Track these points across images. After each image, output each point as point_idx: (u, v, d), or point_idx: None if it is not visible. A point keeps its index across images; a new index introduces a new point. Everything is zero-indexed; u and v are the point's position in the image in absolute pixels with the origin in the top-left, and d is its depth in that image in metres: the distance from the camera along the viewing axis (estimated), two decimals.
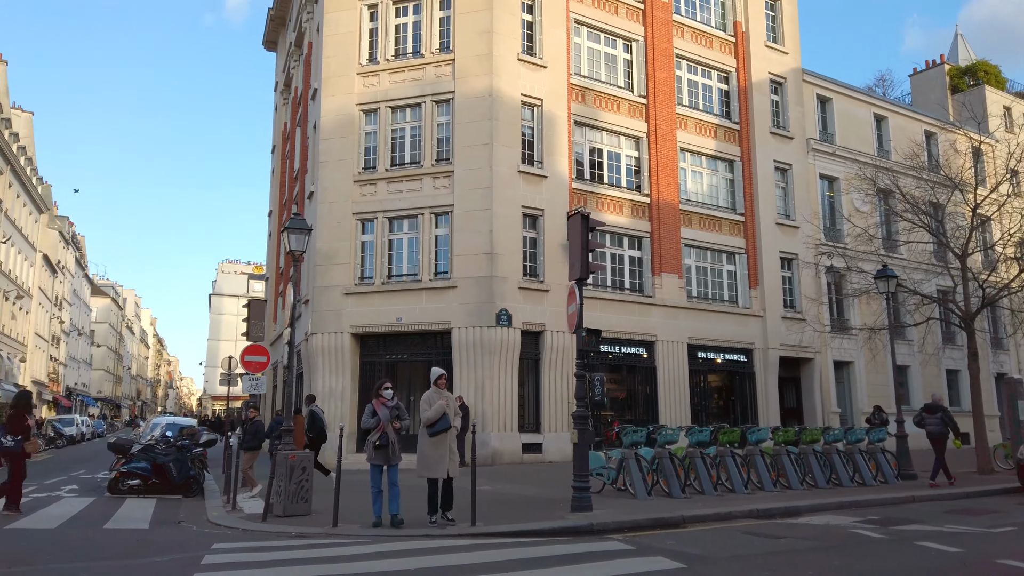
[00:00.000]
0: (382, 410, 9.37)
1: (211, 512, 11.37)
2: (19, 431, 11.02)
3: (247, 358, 15.48)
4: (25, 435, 11.06)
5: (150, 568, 6.61)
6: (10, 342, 46.54)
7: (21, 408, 11.32)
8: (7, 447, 10.90)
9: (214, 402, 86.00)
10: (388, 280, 20.68)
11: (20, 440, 10.93)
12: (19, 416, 11.19)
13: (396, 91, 21.32)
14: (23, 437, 11.01)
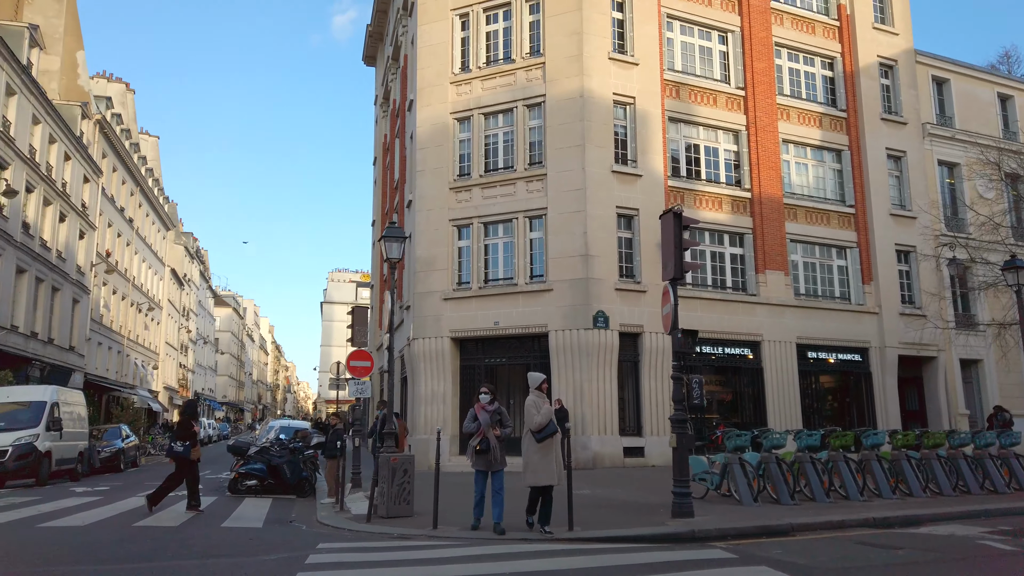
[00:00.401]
0: (482, 415, 9.19)
1: (320, 512, 11.81)
2: (187, 437, 11.72)
3: (352, 363, 16.00)
4: (192, 441, 11.76)
5: (258, 566, 6.92)
6: (144, 351, 50.20)
7: (189, 415, 12.03)
8: (177, 452, 11.65)
9: (327, 405, 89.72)
10: (485, 284, 20.91)
11: (188, 445, 11.64)
12: (187, 423, 11.91)
13: (488, 98, 21.56)
14: (191, 443, 11.71)
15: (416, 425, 21.09)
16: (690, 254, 19.07)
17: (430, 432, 20.12)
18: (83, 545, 8.21)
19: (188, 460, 11.71)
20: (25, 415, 18.58)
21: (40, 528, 9.64)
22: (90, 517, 10.82)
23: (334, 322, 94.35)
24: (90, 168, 36.56)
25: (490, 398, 9.35)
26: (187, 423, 11.94)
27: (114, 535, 9.00)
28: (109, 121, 39.69)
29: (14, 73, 26.82)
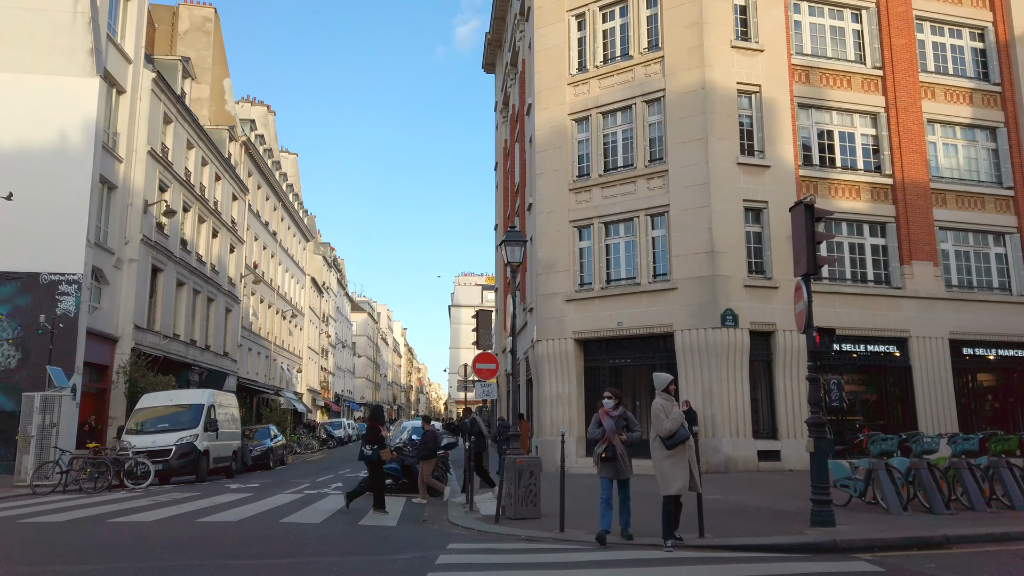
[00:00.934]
0: (607, 421, 8.76)
1: (451, 512, 12.11)
2: (376, 441, 12.23)
3: (478, 366, 16.31)
4: (380, 445, 12.26)
5: (391, 564, 7.19)
6: (289, 355, 53.52)
7: (377, 421, 12.55)
8: (367, 455, 12.17)
9: (457, 406, 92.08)
10: (607, 285, 20.72)
11: (376, 449, 12.16)
12: (375, 428, 12.43)
13: (606, 96, 21.36)
14: (379, 447, 12.24)
15: (542, 427, 21.22)
16: (825, 247, 18.01)
17: (556, 434, 20.17)
18: (235, 540, 8.84)
19: (377, 463, 12.15)
20: (186, 417, 20.29)
21: (199, 523, 10.48)
22: (242, 513, 11.64)
23: (461, 325, 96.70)
24: (238, 187, 39.44)
25: (614, 403, 8.90)
26: (375, 428, 12.36)
27: (263, 531, 9.63)
28: (253, 142, 42.65)
29: (170, 103, 29.36)
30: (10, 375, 21.06)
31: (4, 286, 21.39)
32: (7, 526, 10.04)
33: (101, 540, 8.80)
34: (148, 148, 26.82)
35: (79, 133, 22.62)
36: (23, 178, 21.92)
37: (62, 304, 21.68)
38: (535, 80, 22.77)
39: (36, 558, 7.52)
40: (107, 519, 10.80)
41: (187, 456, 19.18)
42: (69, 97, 22.61)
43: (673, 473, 8.26)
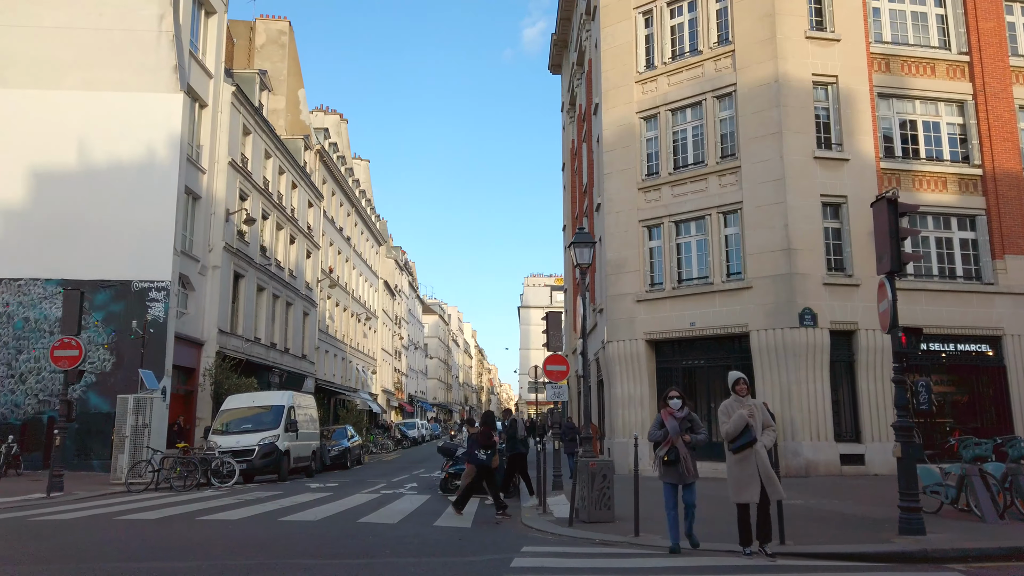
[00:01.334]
0: (670, 422, 8.34)
1: (524, 514, 12.14)
2: (488, 446, 12.24)
3: (549, 367, 16.32)
4: (492, 449, 12.28)
5: (467, 566, 7.26)
6: (364, 357, 54.74)
7: (489, 425, 12.59)
8: (480, 460, 12.20)
9: (529, 407, 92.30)
10: (678, 285, 20.39)
11: (489, 454, 12.18)
12: (487, 432, 12.44)
13: (675, 93, 21.03)
14: (492, 451, 12.25)
15: (614, 429, 21.05)
16: (910, 243, 17.26)
17: (628, 436, 19.97)
18: (316, 539, 9.10)
19: (489, 467, 12.21)
20: (268, 418, 21.01)
21: (281, 522, 10.83)
22: (321, 512, 11.97)
23: (531, 326, 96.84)
24: (313, 194, 40.60)
25: (680, 403, 8.52)
26: (487, 433, 12.38)
27: (342, 531, 9.88)
28: (327, 150, 43.84)
29: (249, 115, 30.48)
30: (105, 378, 22.26)
31: (99, 294, 22.63)
32: (105, 522, 10.62)
33: (191, 537, 9.20)
34: (229, 159, 27.91)
35: (165, 147, 23.72)
36: (115, 191, 23.16)
37: (152, 310, 22.78)
38: (602, 79, 22.62)
39: (131, 554, 7.92)
40: (196, 517, 11.28)
41: (269, 456, 19.86)
42: (155, 112, 23.75)
43: (738, 479, 7.84)
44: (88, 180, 23.23)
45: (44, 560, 7.35)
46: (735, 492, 7.87)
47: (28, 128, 23.30)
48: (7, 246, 22.79)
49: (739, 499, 7.87)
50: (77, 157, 23.42)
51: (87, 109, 23.55)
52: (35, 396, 22.23)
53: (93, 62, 23.82)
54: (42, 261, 22.76)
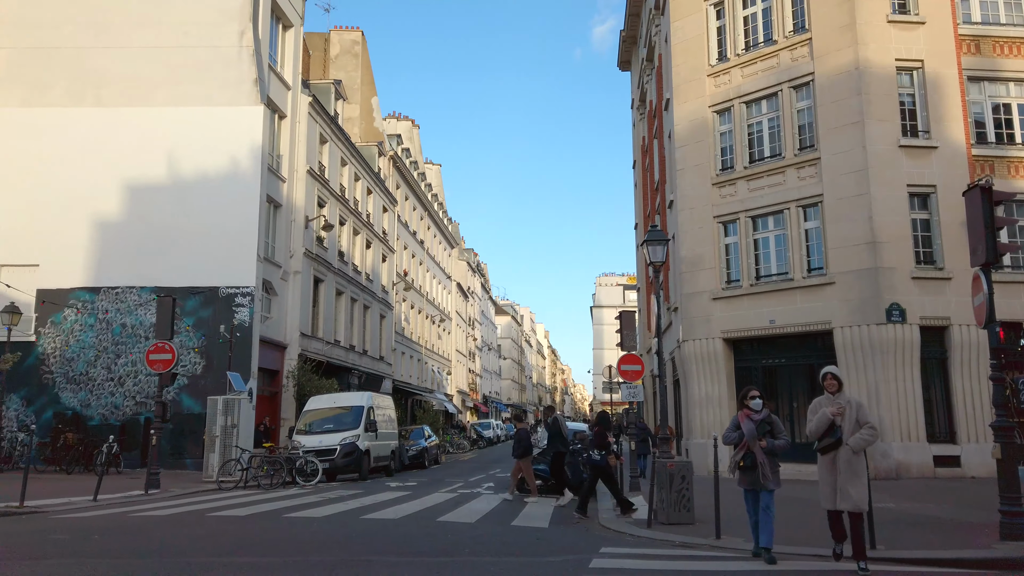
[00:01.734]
0: (746, 424, 7.86)
1: (602, 515, 12.07)
2: (604, 446, 12.18)
3: (623, 367, 16.20)
4: (607, 450, 12.21)
5: (545, 567, 7.27)
6: (439, 358, 55.52)
7: (604, 426, 12.50)
8: (595, 460, 12.17)
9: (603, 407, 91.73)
10: (756, 281, 19.88)
11: (604, 455, 12.10)
12: (603, 433, 12.38)
13: (749, 85, 20.52)
14: (606, 452, 12.17)
15: (691, 430, 20.70)
16: (1005, 233, 16.36)
17: (706, 436, 19.60)
18: (397, 537, 9.29)
19: (604, 468, 12.15)
20: (348, 418, 21.57)
21: (363, 520, 11.10)
22: (401, 511, 12.21)
23: (604, 326, 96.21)
24: (387, 199, 41.46)
25: (761, 403, 8.03)
26: (603, 433, 12.33)
27: (421, 529, 10.05)
28: (400, 156, 44.70)
29: (325, 124, 31.38)
30: (196, 380, 23.32)
31: (189, 300, 23.72)
32: (198, 518, 11.12)
33: (278, 533, 9.53)
34: (307, 167, 28.81)
35: (247, 157, 24.68)
36: (202, 202, 24.24)
37: (238, 315, 23.73)
38: (672, 74, 22.28)
39: (223, 549, 8.27)
40: (282, 514, 11.68)
41: (350, 455, 20.38)
42: (238, 125, 24.74)
43: (823, 483, 7.32)
44: (177, 192, 24.39)
45: (143, 554, 7.75)
46: (822, 496, 7.33)
47: (122, 144, 24.63)
48: (106, 256, 24.16)
49: (826, 504, 7.33)
50: (167, 170, 24.62)
51: (175, 124, 24.72)
52: (132, 398, 23.47)
53: (180, 79, 24.99)
54: (137, 270, 24.01)
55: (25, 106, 24.95)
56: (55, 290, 24.01)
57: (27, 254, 24.10)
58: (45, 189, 24.34)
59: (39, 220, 24.17)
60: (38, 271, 24.07)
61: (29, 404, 23.47)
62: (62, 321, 23.94)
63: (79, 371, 23.65)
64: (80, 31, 25.36)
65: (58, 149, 24.63)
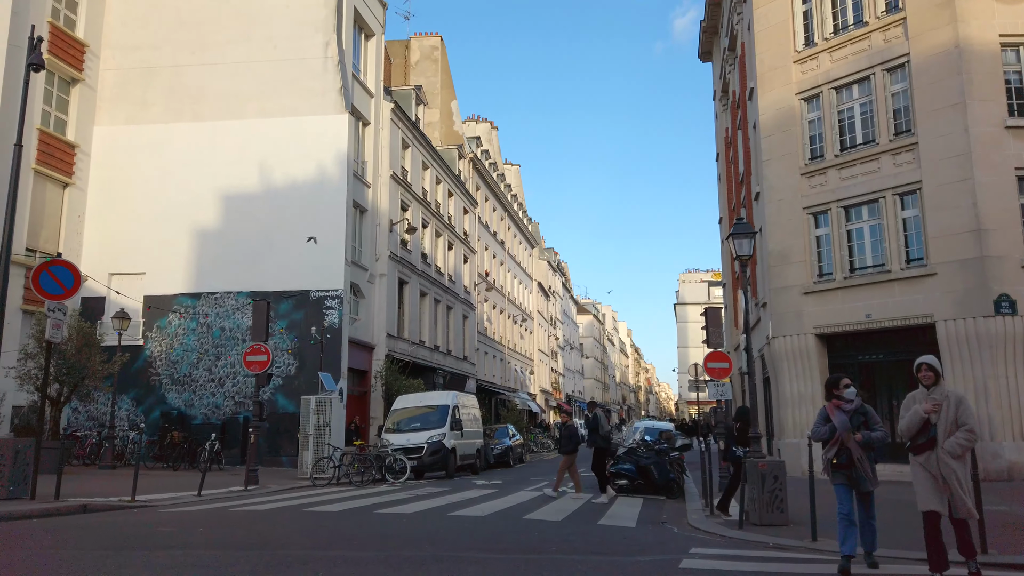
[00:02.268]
0: (838, 416, 7.02)
1: (691, 515, 11.85)
2: (746, 442, 11.74)
3: (710, 365, 15.84)
4: (750, 446, 11.61)
5: (633, 567, 7.18)
6: (521, 358, 55.77)
7: (745, 421, 12.16)
8: (737, 456, 11.81)
9: (689, 407, 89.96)
10: (850, 274, 19.06)
11: (747, 451, 11.53)
12: (745, 429, 12.01)
13: (838, 70, 19.71)
14: (750, 448, 11.57)
15: (783, 428, 20.05)
16: None
17: (798, 436, 18.94)
18: (484, 534, 9.38)
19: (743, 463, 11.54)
20: (434, 417, 21.95)
21: (451, 516, 11.26)
22: (488, 508, 12.32)
23: (688, 323, 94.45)
24: (467, 201, 41.96)
25: (853, 392, 7.15)
26: (744, 429, 12.03)
27: (508, 527, 10.12)
28: (479, 157, 45.16)
29: (407, 129, 32.04)
30: (290, 381, 24.24)
31: (282, 303, 24.68)
32: (294, 513, 11.55)
33: (370, 529, 9.79)
34: (390, 172, 29.49)
35: (334, 164, 25.47)
36: (293, 209, 25.18)
37: (328, 317, 24.53)
38: (756, 62, 21.63)
39: (319, 543, 8.56)
40: (373, 510, 11.99)
41: (437, 453, 20.73)
42: (324, 133, 25.59)
43: (917, 484, 6.52)
44: (269, 200, 25.42)
45: (245, 546, 8.11)
46: (919, 498, 6.52)
47: (218, 157, 25.87)
48: (205, 263, 25.43)
49: (922, 506, 6.50)
50: (259, 180, 25.70)
51: (266, 135, 25.78)
52: (232, 398, 24.61)
53: (270, 92, 26.04)
54: (234, 276, 25.17)
55: (130, 124, 26.54)
56: (160, 296, 25.44)
57: (135, 263, 25.64)
58: (149, 201, 25.83)
59: (145, 231, 25.67)
60: (144, 279, 25.57)
61: (138, 404, 24.96)
62: (167, 326, 25.34)
63: (183, 373, 24.98)
64: (178, 51, 26.78)
65: (160, 163, 26.09)
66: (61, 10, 25.12)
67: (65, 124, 25.36)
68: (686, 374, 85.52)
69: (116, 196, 26.01)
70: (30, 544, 8.03)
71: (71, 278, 12.38)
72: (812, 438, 7.46)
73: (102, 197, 26.00)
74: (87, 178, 25.97)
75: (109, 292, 25.21)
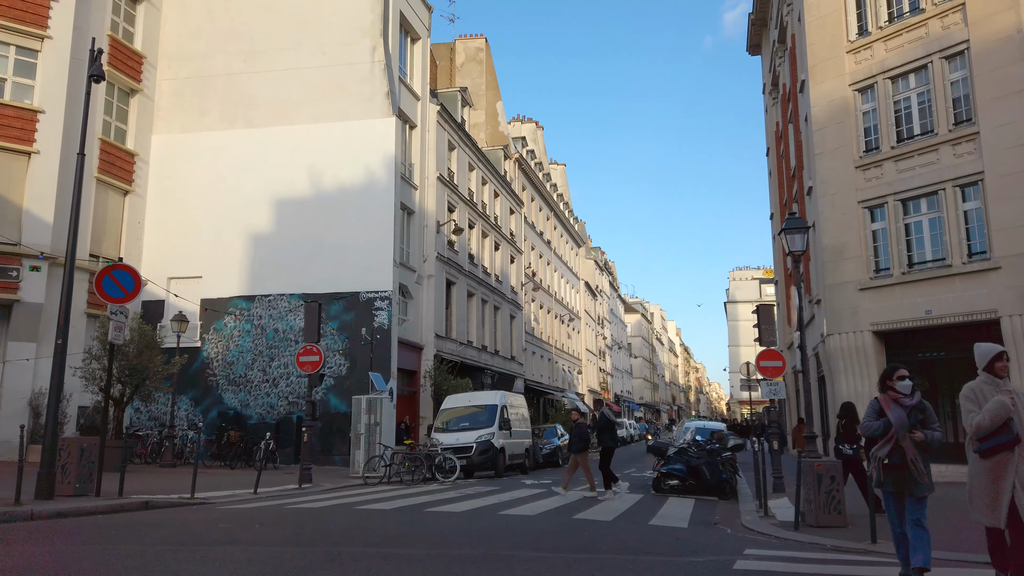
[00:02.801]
0: (894, 410, 6.25)
1: (744, 516, 11.65)
2: (853, 440, 11.47)
3: (762, 363, 15.53)
4: (857, 443, 11.31)
5: (687, 567, 7.09)
6: (569, 357, 55.60)
7: (852, 418, 11.83)
8: (847, 454, 11.44)
9: (741, 406, 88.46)
10: (909, 269, 18.49)
11: (856, 448, 11.31)
12: (851, 425, 11.71)
13: (893, 59, 19.13)
14: (858, 446, 11.28)
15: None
16: None
17: None
18: (535, 533, 9.37)
19: (858, 462, 11.36)
20: (483, 416, 22.04)
21: (501, 515, 11.29)
22: (538, 508, 12.31)
23: (739, 321, 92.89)
24: (513, 201, 42.01)
25: (911, 386, 6.37)
26: (851, 425, 11.72)
27: (559, 526, 10.09)
28: (525, 157, 45.17)
29: (453, 131, 32.25)
30: (342, 381, 24.62)
31: (333, 305, 25.08)
32: (348, 511, 11.72)
33: (421, 527, 9.88)
34: (437, 174, 29.72)
35: (382, 168, 25.79)
36: (342, 212, 25.58)
37: (378, 318, 24.84)
38: (807, 53, 21.14)
39: (372, 540, 8.67)
40: (424, 508, 12.09)
41: (486, 453, 20.81)
42: (372, 137, 25.92)
43: (982, 492, 5.66)
44: (320, 204, 25.87)
45: (300, 543, 8.26)
46: (979, 508, 5.70)
47: (270, 162, 26.43)
48: (260, 267, 26.01)
49: (984, 519, 5.67)
50: (310, 184, 26.17)
51: (316, 140, 26.23)
52: (285, 398, 25.11)
53: (319, 97, 26.50)
54: (286, 278, 25.69)
55: (186, 132, 27.31)
56: (216, 299, 26.11)
57: (192, 267, 26.38)
58: (205, 207, 26.54)
59: (201, 235, 26.39)
60: (201, 282, 26.28)
61: (197, 404, 25.66)
62: (223, 328, 26.00)
63: (238, 374, 25.59)
64: (231, 59, 27.46)
65: (215, 170, 26.78)
66: (120, 23, 25.99)
67: (125, 133, 26.23)
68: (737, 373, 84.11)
69: (173, 202, 26.79)
70: (95, 539, 8.32)
71: (132, 282, 12.78)
72: (862, 433, 6.80)
73: (160, 203, 26.82)
74: (146, 185, 26.81)
75: (168, 296, 26.00)
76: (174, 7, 28.12)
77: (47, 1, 22.51)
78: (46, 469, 11.24)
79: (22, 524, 9.41)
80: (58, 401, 11.83)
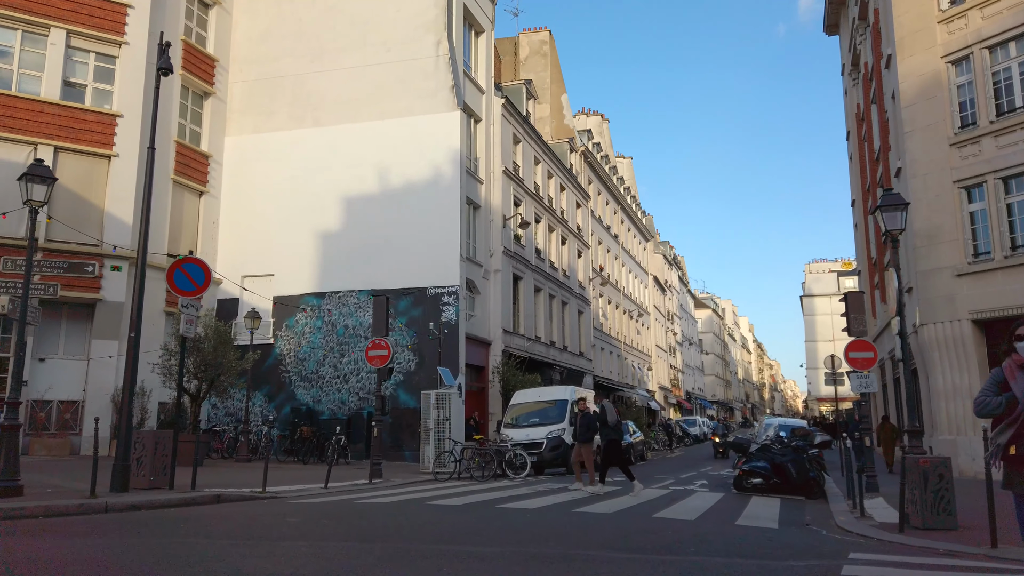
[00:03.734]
0: (1020, 381, 5.19)
1: (838, 517, 10.84)
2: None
3: (852, 355, 14.57)
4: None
5: (787, 571, 6.43)
6: (638, 354, 54.56)
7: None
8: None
9: (819, 403, 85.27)
10: (1012, 252, 17.10)
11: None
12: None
13: (991, 27, 17.74)
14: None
15: (936, 424, 18.26)
16: None
17: (954, 432, 17.21)
18: (613, 532, 8.84)
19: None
20: (553, 412, 21.55)
21: (576, 513, 10.79)
22: (614, 506, 11.76)
23: (816, 316, 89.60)
24: (580, 195, 41.36)
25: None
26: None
27: (638, 525, 9.52)
28: (591, 151, 44.44)
29: (518, 124, 31.85)
30: (410, 377, 24.53)
31: (401, 300, 25.03)
32: (418, 506, 11.43)
33: (494, 523, 9.47)
34: (502, 168, 29.36)
35: (447, 162, 25.59)
36: (409, 208, 25.50)
37: (445, 313, 24.65)
38: (894, 26, 19.85)
39: (443, 536, 8.31)
40: (496, 504, 11.70)
41: (557, 449, 20.32)
42: (437, 132, 25.75)
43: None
44: (386, 200, 25.86)
45: (368, 538, 7.96)
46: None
47: (337, 160, 26.60)
48: (329, 264, 26.21)
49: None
50: (377, 180, 26.20)
51: (381, 136, 26.25)
52: (356, 394, 25.20)
53: (384, 94, 26.51)
54: (355, 275, 25.79)
55: (256, 133, 27.76)
56: (288, 296, 26.43)
57: (264, 265, 26.78)
58: (276, 206, 26.91)
59: (272, 234, 26.76)
60: (273, 280, 26.65)
61: (270, 400, 26.03)
62: (295, 324, 26.29)
63: (310, 370, 25.83)
64: (298, 60, 27.76)
65: (285, 169, 27.12)
66: (193, 28, 26.58)
67: (199, 136, 26.81)
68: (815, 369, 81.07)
69: (246, 202, 27.25)
70: (164, 532, 8.22)
71: (202, 275, 12.81)
72: (976, 411, 5.66)
73: (233, 203, 27.32)
74: (220, 186, 27.36)
75: (242, 293, 26.46)
76: (244, 11, 28.63)
77: (124, 8, 23.14)
78: (121, 462, 11.34)
79: (96, 516, 9.43)
80: (132, 394, 11.94)
